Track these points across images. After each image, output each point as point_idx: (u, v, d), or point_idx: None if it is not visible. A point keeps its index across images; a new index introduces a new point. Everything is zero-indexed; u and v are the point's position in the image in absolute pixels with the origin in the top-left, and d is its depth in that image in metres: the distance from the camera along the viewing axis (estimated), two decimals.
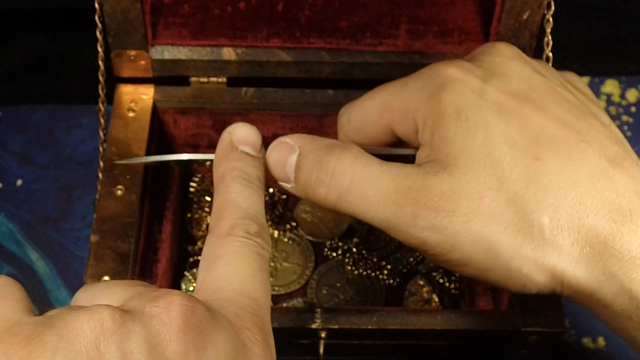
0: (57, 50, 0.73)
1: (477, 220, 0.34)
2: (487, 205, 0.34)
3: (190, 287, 0.61)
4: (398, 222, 0.35)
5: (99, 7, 0.55)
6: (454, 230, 0.34)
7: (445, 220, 0.34)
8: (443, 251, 0.35)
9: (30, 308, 0.27)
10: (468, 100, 0.35)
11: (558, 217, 0.34)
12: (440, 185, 0.34)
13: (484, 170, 0.34)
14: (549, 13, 0.55)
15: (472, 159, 0.34)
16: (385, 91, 0.39)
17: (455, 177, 0.34)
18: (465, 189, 0.34)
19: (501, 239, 0.34)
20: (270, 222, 0.66)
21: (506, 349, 0.54)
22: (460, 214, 0.34)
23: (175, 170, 0.65)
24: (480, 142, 0.34)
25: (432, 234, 0.35)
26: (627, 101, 0.78)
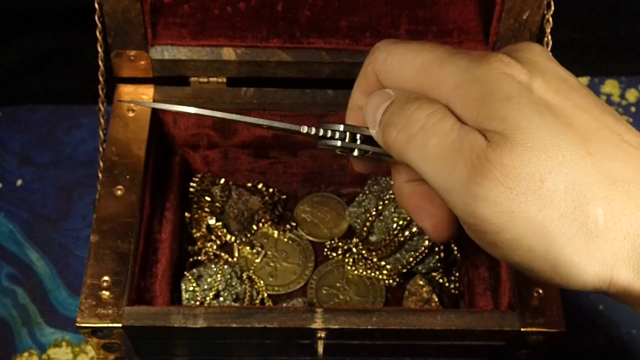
0: (57, 50, 0.73)
1: (535, 202, 0.33)
2: (546, 189, 0.33)
3: (190, 287, 0.61)
4: (453, 185, 0.35)
5: (99, 7, 0.55)
6: (509, 208, 0.33)
7: (501, 196, 0.33)
8: (494, 229, 0.34)
9: None
10: (517, 91, 0.35)
11: (611, 210, 0.33)
12: (502, 159, 0.33)
13: (545, 153, 0.33)
14: (549, 13, 0.55)
15: (531, 138, 0.34)
16: (429, 54, 0.38)
17: (517, 154, 0.33)
18: (526, 169, 0.33)
19: (556, 226, 0.33)
20: (270, 222, 0.66)
21: (506, 349, 0.54)
22: (518, 193, 0.33)
23: (175, 170, 0.65)
24: (537, 124, 0.34)
25: (486, 206, 0.34)
26: (627, 101, 0.78)
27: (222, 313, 0.50)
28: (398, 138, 0.37)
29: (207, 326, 0.50)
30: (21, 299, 0.66)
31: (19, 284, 0.66)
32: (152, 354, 0.56)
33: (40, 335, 0.64)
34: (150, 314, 0.50)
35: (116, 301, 0.51)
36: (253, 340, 0.53)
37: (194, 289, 0.61)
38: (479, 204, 0.34)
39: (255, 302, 0.62)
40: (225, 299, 0.61)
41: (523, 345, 0.53)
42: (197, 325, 0.50)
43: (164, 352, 0.56)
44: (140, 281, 0.55)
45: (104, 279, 0.51)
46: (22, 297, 0.66)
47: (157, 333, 0.51)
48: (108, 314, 0.50)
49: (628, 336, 0.65)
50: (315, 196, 0.69)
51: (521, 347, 0.53)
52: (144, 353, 0.55)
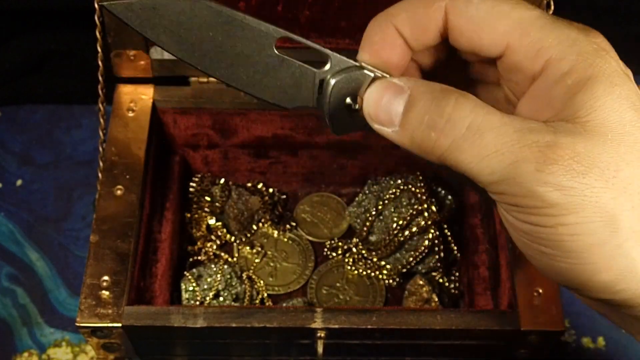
0: (57, 50, 0.73)
1: (608, 190, 0.32)
2: (621, 179, 0.32)
3: (190, 287, 0.61)
4: (516, 175, 0.32)
5: (98, 7, 0.55)
6: (581, 192, 0.32)
7: (573, 180, 0.32)
8: (560, 212, 0.32)
9: None
10: (622, 79, 0.34)
11: None
12: (575, 145, 0.32)
13: (626, 146, 0.32)
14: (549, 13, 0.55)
15: (615, 132, 0.32)
16: (529, 11, 0.35)
17: (592, 142, 0.32)
18: (602, 157, 0.32)
19: (627, 217, 0.32)
20: (270, 222, 0.66)
21: (506, 348, 0.54)
22: (591, 178, 0.32)
23: (175, 170, 0.65)
24: (628, 120, 0.33)
25: (555, 191, 0.32)
26: None
27: (222, 313, 0.50)
28: (441, 142, 0.33)
29: (207, 326, 0.50)
30: (21, 299, 0.66)
31: (19, 284, 0.66)
32: (152, 354, 0.56)
33: (40, 335, 0.64)
34: (150, 314, 0.50)
35: (116, 301, 0.51)
36: (253, 340, 0.53)
37: (193, 289, 0.61)
38: (548, 189, 0.32)
39: (255, 302, 0.62)
40: (225, 299, 0.61)
41: (523, 345, 0.53)
42: (197, 325, 0.50)
43: (164, 352, 0.56)
44: (140, 281, 0.55)
45: (104, 278, 0.51)
46: (22, 297, 0.66)
47: (157, 333, 0.51)
48: (108, 314, 0.50)
49: (628, 336, 0.65)
50: (315, 196, 0.69)
51: (521, 347, 0.53)
52: (144, 353, 0.55)
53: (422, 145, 0.34)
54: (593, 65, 0.34)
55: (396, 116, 0.34)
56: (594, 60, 0.34)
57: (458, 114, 0.33)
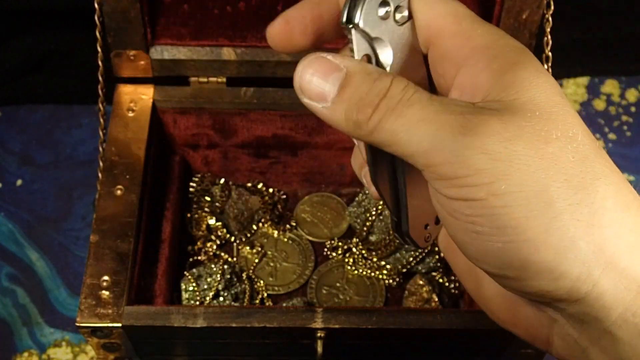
0: (57, 50, 0.73)
1: (537, 159, 0.31)
2: (551, 152, 0.31)
3: (189, 287, 0.61)
4: (442, 139, 0.31)
5: (98, 7, 0.55)
6: (507, 157, 0.30)
7: (500, 145, 0.31)
8: (488, 179, 0.31)
9: None
10: (543, 70, 0.34)
11: (621, 195, 0.31)
12: (501, 115, 0.31)
13: (555, 123, 0.32)
14: (549, 13, 0.55)
15: (543, 110, 0.32)
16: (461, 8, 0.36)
17: (520, 115, 0.31)
18: (530, 128, 0.31)
19: (559, 188, 0.30)
20: (270, 222, 0.66)
21: (506, 349, 0.54)
22: (519, 146, 0.30)
23: (175, 170, 0.65)
24: (556, 101, 0.33)
25: (480, 154, 0.31)
26: (627, 101, 0.78)
27: (221, 313, 0.50)
28: (374, 117, 0.33)
29: (206, 326, 0.50)
30: (21, 299, 0.66)
31: (19, 284, 0.66)
32: (151, 354, 0.56)
33: (40, 335, 0.64)
34: (150, 314, 0.50)
35: (116, 301, 0.51)
36: (253, 340, 0.53)
37: (193, 289, 0.61)
38: (473, 153, 0.31)
39: (255, 302, 0.62)
40: (225, 299, 0.61)
41: (523, 345, 0.53)
42: (197, 325, 0.50)
43: (164, 352, 0.56)
44: (140, 281, 0.55)
45: (104, 278, 0.51)
46: (22, 297, 0.66)
47: (157, 333, 0.51)
48: (108, 314, 0.50)
49: None
50: (315, 196, 0.69)
51: (521, 347, 0.53)
52: (144, 353, 0.55)
53: (356, 120, 0.34)
54: (519, 54, 0.34)
55: (330, 93, 0.35)
56: (520, 52, 0.34)
57: (393, 91, 0.33)
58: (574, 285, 0.31)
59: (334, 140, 0.64)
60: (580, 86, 0.79)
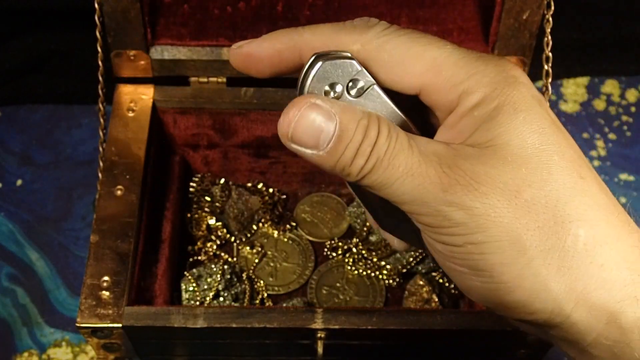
0: (57, 50, 0.73)
1: (510, 211, 0.33)
2: (524, 201, 0.33)
3: (190, 287, 0.61)
4: (423, 195, 0.34)
5: (99, 7, 0.55)
6: (484, 212, 0.33)
7: (476, 201, 0.33)
8: (466, 231, 0.33)
9: None
10: (529, 104, 0.35)
11: (594, 234, 0.33)
12: (473, 167, 0.33)
13: (528, 168, 0.33)
14: (549, 13, 0.55)
15: (516, 154, 0.33)
16: (440, 50, 0.36)
17: (491, 164, 0.33)
18: (501, 178, 0.33)
19: (532, 236, 0.33)
20: (270, 222, 0.66)
21: (506, 349, 0.54)
22: (494, 199, 0.33)
23: (175, 170, 0.65)
24: (530, 143, 0.34)
25: (459, 210, 0.33)
26: (627, 101, 0.78)
27: (222, 313, 0.50)
28: (366, 167, 0.35)
29: (207, 326, 0.50)
30: (21, 299, 0.66)
31: (19, 284, 0.66)
32: (152, 354, 0.56)
33: (40, 335, 0.64)
34: (150, 314, 0.50)
35: (116, 301, 0.51)
36: (253, 340, 0.53)
37: (193, 289, 0.61)
38: (452, 209, 0.33)
39: (255, 302, 0.62)
40: (225, 299, 0.61)
41: (523, 345, 0.53)
42: (197, 326, 0.50)
43: (164, 352, 0.56)
44: (140, 281, 0.55)
45: (104, 279, 0.51)
46: (22, 297, 0.66)
47: (157, 333, 0.51)
48: (108, 314, 0.50)
49: None
50: (315, 196, 0.69)
51: (521, 347, 0.53)
52: (144, 353, 0.55)
53: (346, 169, 0.35)
54: (501, 95, 0.35)
55: (324, 141, 0.35)
56: (502, 89, 0.35)
57: (380, 140, 0.35)
58: (548, 318, 0.34)
59: None
60: (580, 86, 0.79)
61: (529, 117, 0.34)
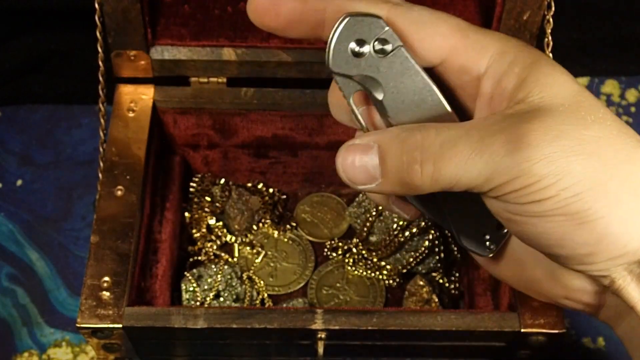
0: (57, 50, 0.73)
1: (585, 147, 0.33)
2: (593, 135, 0.34)
3: (190, 287, 0.61)
4: (500, 163, 0.34)
5: (99, 7, 0.55)
6: (563, 154, 0.33)
7: (550, 147, 0.33)
8: (554, 179, 0.33)
9: None
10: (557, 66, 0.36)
11: None
12: (537, 119, 0.34)
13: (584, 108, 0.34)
14: (549, 14, 0.55)
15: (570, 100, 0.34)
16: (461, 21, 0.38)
17: (552, 113, 0.34)
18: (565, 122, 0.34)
19: (616, 184, 0.33)
20: (270, 222, 0.66)
21: (506, 349, 0.54)
22: (565, 141, 0.33)
23: (176, 170, 0.65)
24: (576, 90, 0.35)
25: (540, 161, 0.33)
26: (627, 101, 0.78)
27: (222, 314, 0.50)
28: (425, 170, 0.35)
29: (207, 327, 0.50)
30: (21, 299, 0.66)
31: (19, 284, 0.66)
32: (152, 355, 0.56)
33: (40, 335, 0.64)
34: (151, 315, 0.50)
35: (116, 302, 0.51)
36: (253, 340, 0.53)
37: (194, 289, 0.61)
38: (533, 163, 0.33)
39: (256, 303, 0.62)
40: (226, 300, 0.61)
41: (523, 346, 0.53)
42: (198, 326, 0.50)
43: (164, 353, 0.56)
44: (140, 281, 0.55)
45: (104, 279, 0.51)
46: (22, 297, 0.66)
47: (157, 333, 0.51)
48: (108, 315, 0.50)
49: None
50: (315, 196, 0.69)
51: (521, 348, 0.53)
52: (144, 353, 0.55)
53: (411, 181, 0.36)
54: (532, 53, 0.36)
55: (374, 171, 0.36)
56: (531, 50, 0.36)
57: (427, 141, 0.35)
58: (628, 260, 0.34)
59: (334, 141, 0.64)
60: None
61: (564, 71, 0.36)
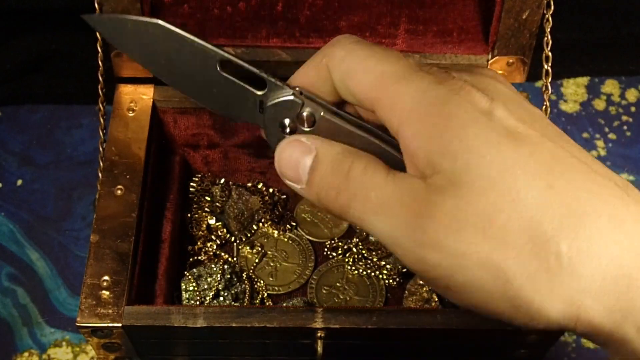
0: (57, 50, 0.73)
1: (486, 242, 0.31)
2: (497, 228, 0.31)
3: (190, 287, 0.61)
4: (398, 235, 0.33)
5: (98, 7, 0.55)
6: (458, 250, 0.32)
7: (449, 239, 0.32)
8: (446, 273, 0.32)
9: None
10: (475, 119, 0.32)
11: (577, 245, 0.31)
12: (444, 203, 0.32)
13: (495, 192, 0.31)
14: (549, 13, 0.55)
15: (480, 177, 0.32)
16: (390, 66, 0.35)
17: (460, 197, 0.32)
18: (472, 209, 0.31)
19: (512, 265, 0.31)
20: (270, 222, 0.66)
21: (506, 349, 0.54)
22: (467, 234, 0.31)
23: (176, 170, 0.65)
24: (489, 160, 0.32)
25: (434, 252, 0.32)
26: (627, 101, 0.78)
27: (222, 313, 0.50)
28: (339, 201, 0.35)
29: (207, 326, 0.50)
30: (21, 299, 0.66)
31: (19, 284, 0.66)
32: (152, 354, 0.56)
33: (40, 335, 0.64)
34: (150, 314, 0.50)
35: (116, 301, 0.51)
36: (253, 340, 0.53)
37: (193, 289, 0.61)
38: (427, 251, 0.32)
39: (255, 302, 0.62)
40: (225, 299, 0.61)
41: (522, 345, 0.53)
42: (197, 325, 0.50)
43: (164, 352, 0.56)
44: (140, 281, 0.55)
45: (104, 278, 0.51)
46: (22, 297, 0.66)
47: (157, 333, 0.51)
48: (108, 314, 0.50)
49: None
50: None
51: (520, 347, 0.53)
52: (144, 353, 0.55)
53: (326, 202, 0.36)
54: (443, 113, 0.33)
55: (303, 175, 0.36)
56: (444, 106, 0.33)
57: (352, 174, 0.35)
58: (558, 327, 0.32)
59: None
60: (580, 86, 0.79)
61: (482, 133, 0.32)
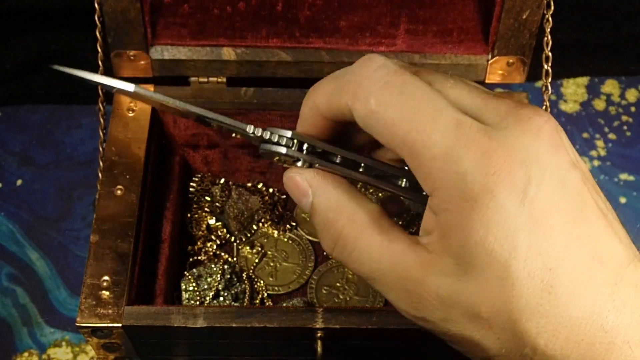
0: (57, 50, 0.73)
1: (471, 327, 0.34)
2: (484, 320, 0.33)
3: (190, 287, 0.61)
4: (392, 298, 0.36)
5: (98, 7, 0.55)
6: (445, 328, 0.35)
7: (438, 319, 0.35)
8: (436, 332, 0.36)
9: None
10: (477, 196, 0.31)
11: (553, 344, 0.32)
12: (438, 288, 0.34)
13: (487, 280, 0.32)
14: (549, 13, 0.55)
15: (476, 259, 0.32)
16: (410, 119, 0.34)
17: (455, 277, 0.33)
18: (463, 294, 0.33)
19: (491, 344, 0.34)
20: (270, 222, 0.66)
21: None
22: (453, 320, 0.35)
23: (175, 170, 0.65)
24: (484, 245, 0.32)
25: (424, 324, 0.36)
26: (627, 101, 0.78)
27: (222, 313, 0.50)
28: (335, 253, 0.38)
29: (207, 326, 0.50)
30: (21, 299, 0.66)
31: (19, 284, 0.66)
32: (152, 354, 0.56)
33: (40, 335, 0.64)
34: (150, 314, 0.50)
35: (116, 301, 0.51)
36: (253, 340, 0.53)
37: (193, 289, 0.61)
38: (418, 321, 0.36)
39: (255, 302, 0.62)
40: (225, 299, 0.61)
41: None
42: (197, 325, 0.50)
43: (164, 352, 0.56)
44: (140, 281, 0.55)
45: (104, 278, 0.51)
46: (22, 297, 0.66)
47: (157, 333, 0.51)
48: (108, 314, 0.50)
49: None
50: None
51: None
52: (144, 353, 0.55)
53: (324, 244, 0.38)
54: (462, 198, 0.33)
55: (306, 208, 0.39)
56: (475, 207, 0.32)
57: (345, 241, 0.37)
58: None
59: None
60: (580, 86, 0.79)
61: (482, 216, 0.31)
